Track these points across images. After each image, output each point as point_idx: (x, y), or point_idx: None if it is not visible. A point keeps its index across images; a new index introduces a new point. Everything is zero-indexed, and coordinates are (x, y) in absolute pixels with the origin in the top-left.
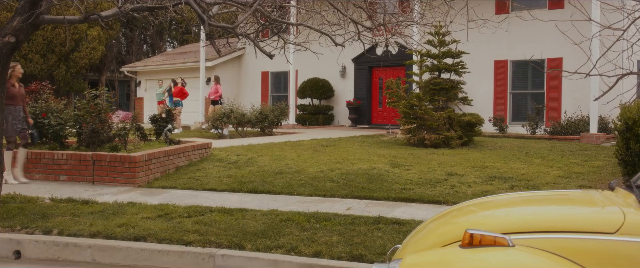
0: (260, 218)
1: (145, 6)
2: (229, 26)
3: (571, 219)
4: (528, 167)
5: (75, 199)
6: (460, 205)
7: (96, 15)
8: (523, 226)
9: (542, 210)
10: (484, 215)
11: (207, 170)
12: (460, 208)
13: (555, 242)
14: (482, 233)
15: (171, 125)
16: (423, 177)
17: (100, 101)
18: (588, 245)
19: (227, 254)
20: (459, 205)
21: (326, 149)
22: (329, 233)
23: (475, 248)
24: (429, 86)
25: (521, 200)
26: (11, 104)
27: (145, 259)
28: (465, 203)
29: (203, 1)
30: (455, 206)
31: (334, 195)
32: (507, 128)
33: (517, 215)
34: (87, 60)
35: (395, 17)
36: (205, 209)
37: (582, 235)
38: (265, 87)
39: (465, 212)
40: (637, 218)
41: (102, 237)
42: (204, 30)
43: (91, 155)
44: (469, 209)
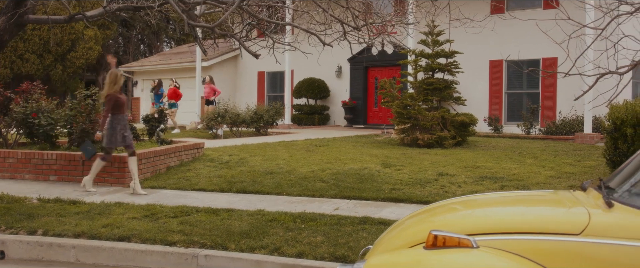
0: (246, 219)
1: (130, 6)
2: (208, 25)
3: (536, 220)
4: (520, 167)
5: (62, 199)
6: (433, 205)
7: (81, 15)
8: (488, 227)
9: (509, 211)
10: (451, 216)
11: (198, 170)
12: (432, 209)
13: (519, 243)
14: (446, 235)
15: (164, 125)
16: (414, 177)
17: (91, 101)
18: (552, 247)
19: (210, 254)
20: (432, 205)
21: (319, 149)
22: (313, 233)
23: (438, 249)
24: (422, 86)
25: (491, 201)
26: (119, 113)
27: (129, 259)
28: (438, 203)
29: (184, 0)
30: (427, 206)
31: (323, 196)
32: (502, 128)
33: (482, 216)
34: (84, 60)
35: (381, 16)
36: (192, 209)
37: (546, 236)
38: (262, 87)
39: (435, 213)
40: (602, 219)
41: (87, 237)
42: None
43: (81, 155)
44: (439, 210)
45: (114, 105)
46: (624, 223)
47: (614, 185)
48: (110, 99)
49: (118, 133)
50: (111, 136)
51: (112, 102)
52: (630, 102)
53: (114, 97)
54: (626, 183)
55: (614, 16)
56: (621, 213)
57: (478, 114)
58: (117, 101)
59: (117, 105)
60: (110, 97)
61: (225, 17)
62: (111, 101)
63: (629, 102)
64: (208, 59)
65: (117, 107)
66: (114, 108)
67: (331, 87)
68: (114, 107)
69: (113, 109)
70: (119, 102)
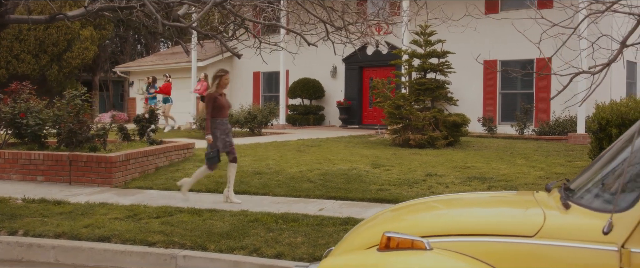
0: (228, 219)
1: (112, 6)
2: (183, 25)
3: (491, 222)
4: (510, 168)
5: (47, 200)
6: (397, 205)
7: (62, 15)
8: (442, 229)
9: (465, 212)
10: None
11: (187, 171)
12: (395, 209)
13: (473, 245)
14: (399, 237)
15: (154, 125)
16: (402, 178)
17: (79, 101)
18: (506, 249)
19: (189, 255)
20: (396, 205)
21: (310, 150)
22: (294, 234)
23: (391, 251)
24: (414, 86)
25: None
26: (220, 116)
27: (108, 260)
28: (403, 204)
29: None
30: (392, 207)
31: (309, 196)
32: (496, 128)
33: (437, 217)
34: (80, 61)
35: (362, 16)
36: (175, 210)
37: (500, 238)
38: (257, 87)
39: (395, 214)
40: (557, 221)
41: (67, 238)
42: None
43: (68, 155)
44: (401, 211)
45: (214, 107)
46: (579, 225)
47: (575, 187)
48: (210, 99)
49: (219, 137)
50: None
51: (211, 103)
52: (616, 103)
53: (213, 98)
54: (585, 185)
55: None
56: (577, 215)
57: (472, 114)
58: (216, 102)
59: (217, 107)
60: (209, 98)
61: (199, 17)
62: (211, 103)
63: (614, 103)
64: (203, 59)
65: (217, 109)
66: (214, 110)
67: (326, 87)
68: (214, 109)
69: (213, 111)
70: (218, 104)
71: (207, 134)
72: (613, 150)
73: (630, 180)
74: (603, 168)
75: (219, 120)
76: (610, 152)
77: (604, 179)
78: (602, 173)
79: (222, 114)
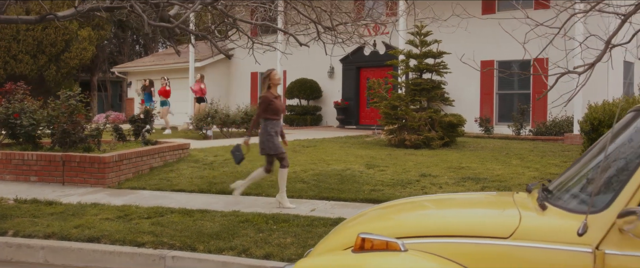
0: (219, 220)
1: (103, 6)
2: (168, 25)
3: (466, 223)
4: (504, 168)
5: (39, 200)
6: (377, 206)
7: (52, 16)
8: (418, 230)
9: (442, 213)
10: (385, 219)
11: (181, 171)
12: (374, 210)
13: (448, 246)
14: (374, 238)
15: (149, 125)
16: (396, 178)
17: (74, 102)
18: (481, 250)
19: (178, 255)
20: (376, 206)
21: (305, 150)
22: (284, 234)
23: (366, 253)
24: (410, 86)
25: (430, 203)
26: (275, 118)
27: (97, 260)
28: (384, 204)
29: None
30: (372, 207)
31: (302, 197)
32: (492, 129)
33: (413, 219)
34: (78, 61)
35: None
36: (167, 210)
37: (475, 239)
38: (255, 87)
39: (373, 215)
40: (532, 223)
41: (57, 238)
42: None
43: (61, 156)
44: (378, 211)
45: (267, 108)
46: (554, 226)
47: (553, 188)
48: (263, 101)
49: (274, 139)
50: (267, 142)
51: (264, 104)
52: (608, 103)
53: (267, 100)
54: (563, 186)
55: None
56: (552, 217)
57: (469, 115)
58: (271, 104)
59: (270, 109)
60: (262, 100)
61: (185, 17)
62: (263, 104)
63: (607, 103)
64: (201, 59)
65: (271, 111)
66: (267, 112)
67: (323, 88)
68: (266, 111)
69: (265, 113)
70: (273, 107)
71: (248, 136)
72: (593, 151)
73: (606, 182)
74: (582, 169)
75: (272, 123)
76: (590, 153)
77: (581, 180)
78: (580, 174)
79: (276, 117)
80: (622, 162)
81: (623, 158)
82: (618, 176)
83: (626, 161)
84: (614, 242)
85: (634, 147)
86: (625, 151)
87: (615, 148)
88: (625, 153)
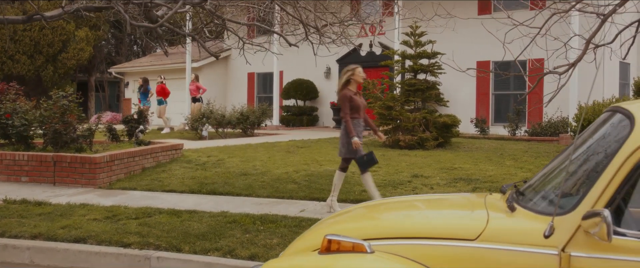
0: (207, 220)
1: (91, 6)
2: (150, 25)
3: (433, 225)
4: (498, 169)
5: (28, 200)
6: (351, 207)
7: (39, 16)
8: (385, 232)
9: (410, 215)
10: (355, 220)
11: (173, 172)
12: (346, 211)
13: (415, 248)
14: (340, 239)
15: (143, 126)
16: (388, 179)
17: (66, 102)
18: (447, 252)
19: (163, 256)
20: (350, 208)
21: (299, 151)
22: (271, 235)
23: (332, 254)
24: (404, 87)
25: (400, 205)
26: (356, 117)
27: (83, 261)
28: (360, 205)
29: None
30: (346, 208)
31: (292, 197)
32: (488, 129)
33: (381, 220)
34: (75, 61)
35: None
36: (155, 211)
37: (442, 241)
38: (252, 88)
39: (344, 216)
40: (499, 225)
41: (44, 239)
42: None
43: (52, 156)
44: (351, 213)
45: (351, 107)
46: (521, 228)
47: (525, 189)
48: (345, 99)
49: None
50: (349, 145)
51: (347, 103)
52: (598, 103)
53: (347, 97)
54: (534, 187)
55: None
56: (520, 218)
57: (465, 115)
58: (353, 102)
59: (353, 108)
60: (344, 98)
61: (168, 17)
62: (346, 102)
63: (597, 103)
64: (198, 59)
65: (354, 109)
66: (351, 111)
67: (320, 88)
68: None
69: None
70: (354, 104)
71: (352, 137)
72: (567, 152)
73: (574, 183)
74: (554, 170)
75: (355, 122)
76: (564, 154)
77: (552, 182)
78: (551, 176)
79: (358, 115)
80: (591, 163)
81: (592, 159)
82: (586, 177)
83: (595, 162)
84: (580, 244)
85: (603, 148)
86: (595, 152)
87: (587, 149)
88: (594, 154)
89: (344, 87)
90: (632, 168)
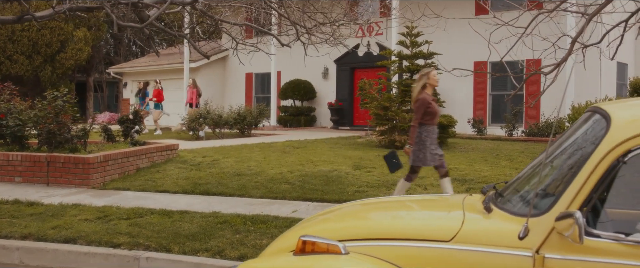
0: (198, 221)
1: (81, 6)
2: (137, 25)
3: (408, 226)
4: (492, 170)
5: (21, 201)
6: (333, 208)
7: (30, 16)
8: (360, 233)
9: (386, 216)
10: (331, 221)
11: (167, 172)
12: (326, 212)
13: (390, 249)
14: (315, 241)
15: (139, 126)
16: (382, 179)
17: (61, 102)
18: (421, 253)
19: (152, 257)
20: (330, 208)
21: (295, 151)
22: (261, 236)
23: (306, 255)
24: (400, 87)
25: (378, 206)
26: (432, 123)
27: (72, 261)
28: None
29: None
30: (327, 209)
31: (285, 198)
32: (485, 130)
33: (358, 221)
34: (74, 62)
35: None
36: (147, 211)
37: (416, 242)
38: (250, 88)
39: (322, 217)
40: (474, 226)
41: (34, 239)
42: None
43: (45, 156)
44: (328, 215)
45: (427, 113)
46: (496, 229)
47: (504, 190)
48: (420, 104)
49: (427, 149)
50: (419, 152)
51: (422, 108)
52: (591, 103)
53: (425, 102)
54: (513, 188)
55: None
56: (496, 220)
57: (462, 116)
58: (430, 108)
59: (429, 114)
60: (422, 103)
61: (154, 17)
62: (422, 107)
63: (590, 103)
64: (196, 59)
65: (430, 115)
66: (426, 117)
67: (318, 89)
68: (425, 116)
69: (423, 118)
70: (431, 110)
71: (410, 144)
72: (545, 154)
73: (550, 184)
74: (533, 171)
75: (431, 128)
76: (542, 155)
77: (528, 183)
78: (529, 177)
79: (433, 121)
80: (568, 163)
81: (570, 160)
82: (563, 178)
83: (572, 163)
84: (554, 246)
85: (580, 149)
86: (573, 152)
87: (565, 150)
88: (572, 155)
89: (421, 92)
90: (607, 169)
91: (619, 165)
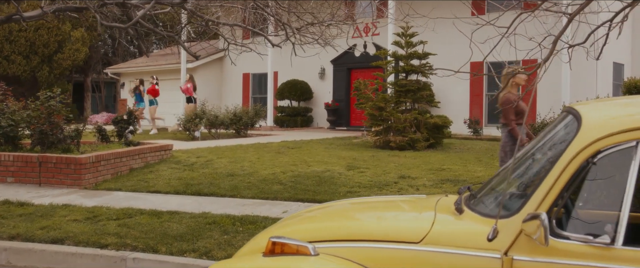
0: (187, 221)
1: (71, 7)
2: (121, 26)
3: (378, 227)
4: (486, 170)
5: (11, 201)
6: (310, 208)
7: (18, 16)
8: (331, 234)
9: (357, 217)
10: (303, 222)
11: (160, 172)
12: (307, 211)
13: (359, 251)
14: (284, 242)
15: (133, 126)
16: (374, 180)
17: (54, 103)
18: (390, 255)
19: (139, 257)
20: (309, 208)
21: (290, 151)
22: (249, 237)
23: (275, 257)
24: (395, 88)
25: (352, 207)
26: (520, 122)
27: (60, 262)
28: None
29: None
30: (305, 209)
31: (277, 198)
32: (482, 130)
33: (328, 222)
34: (71, 62)
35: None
36: (137, 211)
37: (386, 244)
38: (247, 88)
39: (296, 218)
40: (444, 228)
41: (22, 240)
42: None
43: (37, 156)
44: (306, 215)
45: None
46: (466, 231)
47: (478, 191)
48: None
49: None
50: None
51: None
52: None
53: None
54: (486, 189)
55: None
56: (466, 221)
57: (458, 116)
58: (518, 107)
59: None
60: (507, 101)
61: (139, 17)
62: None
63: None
64: (192, 60)
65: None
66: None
67: (314, 89)
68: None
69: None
70: (519, 109)
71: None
72: (518, 155)
73: (520, 185)
74: (505, 172)
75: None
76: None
77: (500, 184)
78: (502, 178)
79: (520, 121)
80: (539, 164)
81: (541, 161)
82: (533, 179)
83: (543, 164)
84: (523, 248)
85: (551, 149)
86: (545, 153)
87: (537, 150)
88: (544, 155)
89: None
90: (577, 169)
91: (589, 166)
